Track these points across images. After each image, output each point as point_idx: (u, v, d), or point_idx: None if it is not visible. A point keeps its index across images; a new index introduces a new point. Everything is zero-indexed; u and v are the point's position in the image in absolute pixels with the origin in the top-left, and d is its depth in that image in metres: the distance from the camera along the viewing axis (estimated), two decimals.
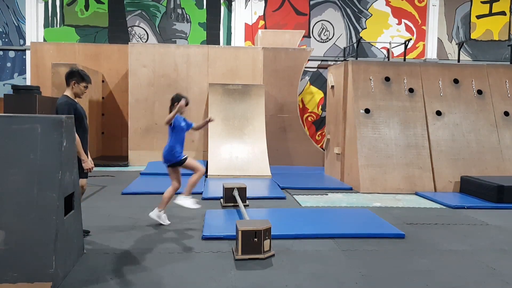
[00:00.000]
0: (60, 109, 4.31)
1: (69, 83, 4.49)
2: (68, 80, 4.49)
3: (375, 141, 8.04)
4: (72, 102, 4.43)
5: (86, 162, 4.38)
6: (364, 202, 6.93)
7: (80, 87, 4.50)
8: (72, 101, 4.45)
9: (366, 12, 13.56)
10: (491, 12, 13.96)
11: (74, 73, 4.48)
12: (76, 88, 4.50)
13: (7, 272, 3.22)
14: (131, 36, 12.98)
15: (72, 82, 4.47)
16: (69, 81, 4.49)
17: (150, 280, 3.54)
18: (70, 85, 4.49)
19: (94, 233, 4.76)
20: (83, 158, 4.34)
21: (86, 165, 4.38)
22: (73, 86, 4.48)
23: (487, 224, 5.63)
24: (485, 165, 8.00)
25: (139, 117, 11.02)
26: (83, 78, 4.49)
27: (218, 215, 5.74)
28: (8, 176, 3.30)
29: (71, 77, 4.48)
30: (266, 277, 3.66)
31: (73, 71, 4.50)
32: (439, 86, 8.51)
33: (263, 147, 9.71)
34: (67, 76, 4.50)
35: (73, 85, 4.48)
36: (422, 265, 4.03)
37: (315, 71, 13.45)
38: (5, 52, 12.74)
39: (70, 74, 4.49)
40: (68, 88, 4.50)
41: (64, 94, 4.48)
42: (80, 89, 4.51)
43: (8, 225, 3.26)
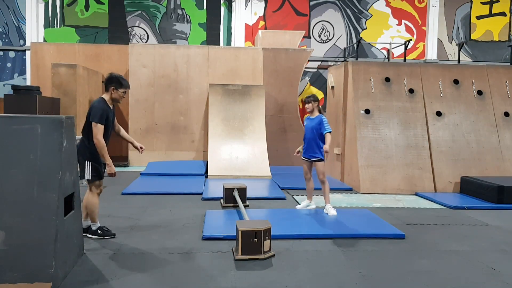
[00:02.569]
0: (93, 110, 4.40)
1: (108, 88, 4.54)
2: (107, 85, 4.55)
3: (375, 141, 8.04)
4: (107, 109, 4.52)
5: (111, 167, 4.47)
6: (364, 202, 6.93)
7: (119, 93, 4.57)
8: (108, 108, 4.54)
9: (366, 12, 13.56)
10: (491, 12, 13.97)
11: (113, 79, 4.54)
12: (115, 93, 4.57)
13: (7, 272, 3.22)
14: (131, 36, 12.99)
15: (111, 88, 4.53)
16: (108, 87, 4.54)
17: (150, 280, 3.53)
18: (109, 90, 4.54)
19: None
20: (108, 163, 4.44)
21: (111, 169, 4.46)
22: (112, 92, 4.55)
23: (487, 225, 5.63)
24: (485, 166, 8.00)
25: (139, 118, 11.02)
26: (121, 84, 4.55)
27: (218, 215, 5.74)
28: (8, 176, 3.30)
29: (110, 83, 4.53)
30: (266, 277, 3.66)
31: (112, 77, 4.56)
32: (439, 87, 8.51)
33: (263, 147, 9.71)
34: (106, 82, 4.56)
35: (112, 91, 4.55)
36: (422, 265, 4.03)
37: (315, 72, 13.45)
38: (5, 53, 12.75)
39: (109, 80, 4.54)
40: (107, 93, 4.56)
41: (102, 97, 4.55)
42: (119, 94, 4.57)
43: (8, 225, 3.26)
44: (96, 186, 4.59)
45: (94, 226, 4.64)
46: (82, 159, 4.45)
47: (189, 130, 11.19)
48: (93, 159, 4.50)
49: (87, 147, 4.49)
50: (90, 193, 4.60)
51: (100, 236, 4.61)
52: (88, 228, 4.64)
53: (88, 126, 4.48)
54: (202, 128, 11.19)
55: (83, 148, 4.49)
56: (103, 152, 4.42)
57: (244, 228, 4.06)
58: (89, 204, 4.58)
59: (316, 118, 5.87)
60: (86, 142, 4.50)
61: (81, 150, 4.46)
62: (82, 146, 4.51)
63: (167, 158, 10.93)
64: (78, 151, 4.37)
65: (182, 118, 11.13)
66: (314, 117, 5.90)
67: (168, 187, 7.53)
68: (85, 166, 4.46)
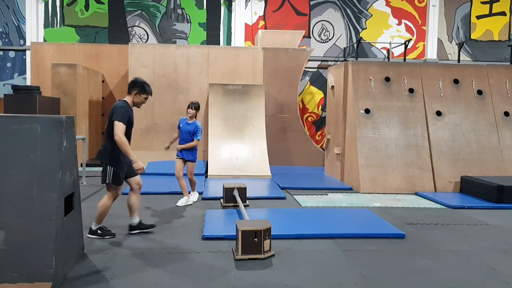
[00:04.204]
0: (116, 110, 4.46)
1: (131, 91, 4.65)
2: (131, 89, 4.66)
3: (375, 141, 8.04)
4: (130, 110, 4.61)
5: (137, 162, 4.50)
6: (364, 202, 6.93)
7: (141, 98, 4.69)
8: (130, 109, 4.63)
9: (366, 12, 13.56)
10: (491, 12, 13.96)
11: (137, 84, 4.66)
12: (137, 98, 4.67)
13: (7, 272, 3.22)
14: (131, 36, 12.98)
15: (134, 92, 4.63)
16: (131, 90, 4.65)
17: (150, 280, 3.53)
18: (132, 94, 4.64)
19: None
20: (133, 159, 4.49)
21: (137, 165, 4.50)
22: (134, 96, 4.65)
23: (487, 224, 5.63)
24: (485, 165, 8.00)
25: (139, 117, 11.00)
26: (144, 90, 4.67)
27: (218, 215, 5.74)
28: (8, 176, 3.30)
29: (134, 87, 4.64)
30: (266, 277, 3.66)
31: (136, 81, 4.67)
32: (439, 86, 8.51)
33: (263, 147, 9.71)
34: (130, 85, 4.67)
35: (135, 95, 4.65)
36: (422, 265, 4.03)
37: (315, 71, 13.44)
38: (5, 52, 12.74)
39: (134, 84, 4.66)
40: (129, 96, 4.66)
41: (124, 100, 4.64)
42: (140, 99, 4.69)
43: (8, 225, 3.26)
44: (113, 190, 4.62)
45: (95, 226, 4.66)
46: (105, 163, 4.53)
47: None
48: (115, 164, 4.53)
49: (109, 151, 4.53)
50: (106, 196, 4.65)
51: (100, 236, 4.63)
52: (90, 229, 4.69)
53: (110, 128, 4.51)
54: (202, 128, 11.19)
55: (106, 153, 4.55)
56: (125, 148, 4.43)
57: (244, 227, 4.06)
58: (102, 205, 4.63)
59: (193, 123, 6.41)
60: (108, 147, 4.54)
61: (103, 154, 4.55)
62: (104, 150, 4.58)
63: (167, 158, 10.90)
64: (101, 155, 4.53)
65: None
66: (192, 122, 6.40)
67: (168, 187, 7.53)
68: (106, 171, 4.52)
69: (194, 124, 6.40)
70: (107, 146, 4.54)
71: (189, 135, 6.36)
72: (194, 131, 6.36)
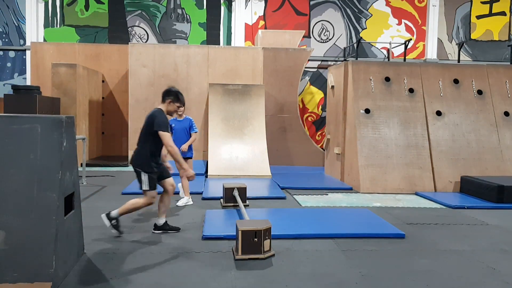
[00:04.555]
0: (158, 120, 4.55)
1: (165, 100, 4.77)
2: (165, 97, 4.78)
3: (375, 141, 8.04)
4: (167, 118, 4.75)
5: (188, 171, 4.66)
6: (364, 202, 6.93)
7: (174, 106, 4.82)
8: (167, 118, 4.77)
9: (366, 12, 13.56)
10: (491, 12, 13.96)
11: (171, 93, 4.78)
12: (171, 106, 4.79)
13: (7, 272, 3.21)
14: (131, 36, 12.98)
15: (168, 101, 4.76)
16: (165, 98, 4.77)
17: (150, 280, 3.53)
18: (166, 102, 4.76)
19: (94, 233, 4.76)
20: (184, 167, 4.65)
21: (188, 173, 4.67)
22: (168, 104, 4.76)
23: (487, 224, 5.63)
24: (485, 165, 7.99)
25: (139, 117, 10.99)
26: (178, 99, 4.81)
27: (218, 215, 5.74)
28: (8, 176, 3.30)
29: (168, 95, 4.77)
30: (266, 277, 3.66)
31: (170, 91, 4.80)
32: (439, 86, 8.51)
33: (263, 147, 9.71)
34: (165, 94, 4.79)
35: (168, 103, 4.76)
36: (422, 265, 4.03)
37: (315, 71, 13.45)
38: (5, 52, 12.74)
39: (168, 93, 4.78)
40: (163, 104, 4.77)
41: (159, 108, 4.74)
42: (174, 108, 4.82)
43: (8, 225, 3.26)
44: (150, 196, 4.65)
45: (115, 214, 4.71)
46: (139, 170, 4.60)
47: None
48: (149, 170, 4.60)
49: (142, 157, 4.61)
50: (143, 199, 4.68)
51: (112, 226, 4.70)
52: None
53: (146, 135, 4.61)
54: (202, 128, 11.19)
55: (139, 159, 4.64)
56: (178, 158, 4.60)
57: (244, 227, 4.06)
58: (134, 204, 4.68)
59: (186, 119, 6.47)
60: (142, 152, 4.63)
61: (137, 161, 4.64)
62: (138, 157, 4.66)
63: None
64: (135, 162, 4.62)
65: None
66: (183, 119, 6.45)
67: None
68: (141, 178, 4.59)
69: (187, 120, 6.46)
70: (141, 152, 4.64)
71: (185, 132, 6.41)
72: (189, 126, 6.43)
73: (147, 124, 4.63)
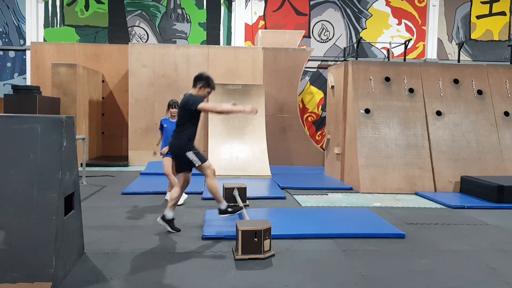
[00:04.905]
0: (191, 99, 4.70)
1: (196, 85, 4.85)
2: (196, 82, 4.86)
3: (375, 141, 8.04)
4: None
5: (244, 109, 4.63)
6: (364, 202, 6.93)
7: (205, 92, 4.87)
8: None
9: (366, 12, 13.56)
10: (491, 12, 13.96)
11: (202, 78, 4.86)
12: (201, 91, 4.85)
13: (7, 272, 3.21)
14: (131, 36, 12.98)
15: (199, 86, 4.83)
16: (196, 83, 4.86)
17: (150, 280, 3.53)
18: (197, 87, 4.84)
19: (94, 233, 4.76)
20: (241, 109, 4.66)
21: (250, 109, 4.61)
22: (199, 89, 4.83)
23: (487, 224, 5.63)
24: (485, 165, 7.99)
25: (139, 117, 11.02)
26: (209, 84, 4.86)
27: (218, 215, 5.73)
28: (8, 176, 3.30)
29: (199, 80, 4.85)
30: (266, 277, 3.66)
31: (202, 75, 4.88)
32: (439, 86, 8.51)
33: (263, 147, 9.71)
34: (196, 79, 4.88)
35: (199, 88, 4.83)
36: (422, 265, 4.03)
37: (315, 71, 13.45)
38: (5, 52, 12.74)
39: (199, 78, 4.86)
40: (194, 89, 4.86)
41: (190, 93, 4.86)
42: (204, 93, 4.87)
43: (8, 225, 3.26)
44: (207, 167, 4.80)
45: (223, 205, 4.85)
46: (183, 153, 4.73)
47: None
48: (190, 148, 4.75)
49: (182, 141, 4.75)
50: (207, 177, 4.83)
51: (231, 213, 4.85)
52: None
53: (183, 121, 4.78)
54: (202, 128, 11.18)
55: (178, 144, 4.78)
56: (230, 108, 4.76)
57: (244, 227, 4.06)
58: (211, 187, 4.83)
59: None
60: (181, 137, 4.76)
61: (177, 147, 4.79)
62: (175, 144, 4.82)
63: None
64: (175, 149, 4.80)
65: None
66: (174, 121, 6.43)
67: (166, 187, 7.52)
68: (189, 157, 4.72)
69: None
70: (180, 137, 4.78)
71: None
72: None
73: (183, 109, 4.79)
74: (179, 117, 4.88)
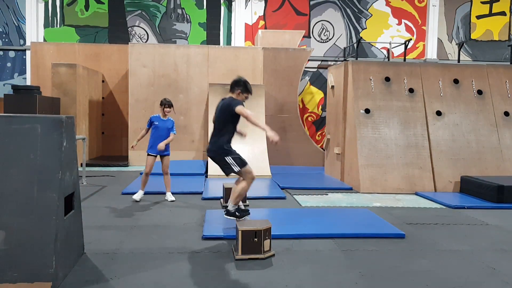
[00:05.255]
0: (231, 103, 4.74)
1: (234, 90, 4.91)
2: (234, 87, 4.92)
3: (375, 141, 8.04)
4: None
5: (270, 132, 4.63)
6: (364, 202, 6.93)
7: (243, 96, 4.92)
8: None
9: (366, 12, 13.56)
10: (491, 12, 13.96)
11: (241, 83, 4.91)
12: (240, 96, 4.91)
13: (7, 272, 3.22)
14: (131, 36, 12.98)
15: (238, 91, 4.89)
16: (234, 88, 4.92)
17: (150, 280, 3.53)
18: (235, 92, 4.90)
19: (94, 233, 4.76)
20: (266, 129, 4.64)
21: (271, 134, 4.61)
22: (237, 94, 4.90)
23: (487, 224, 5.63)
24: (485, 165, 7.99)
25: (139, 117, 11.01)
26: (247, 89, 4.92)
27: (218, 215, 5.73)
28: (8, 176, 3.30)
29: (237, 85, 4.91)
30: (266, 277, 3.66)
31: (240, 80, 4.93)
32: (439, 86, 8.51)
33: (263, 147, 9.70)
34: (234, 84, 4.93)
35: (238, 94, 4.90)
36: (422, 264, 4.03)
37: (315, 71, 13.45)
38: (5, 52, 12.74)
39: (237, 83, 4.92)
40: (232, 94, 4.93)
41: (230, 97, 4.91)
42: (242, 98, 4.92)
43: (8, 225, 3.26)
44: (248, 172, 4.83)
45: (233, 207, 4.86)
46: (221, 157, 4.78)
47: (189, 129, 11.19)
48: (228, 153, 4.77)
49: (220, 144, 4.79)
50: (243, 181, 4.86)
51: (237, 217, 4.84)
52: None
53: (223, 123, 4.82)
54: (202, 128, 11.19)
55: (217, 147, 4.81)
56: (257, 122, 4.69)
57: (244, 227, 4.06)
58: (240, 189, 4.86)
59: (169, 120, 6.67)
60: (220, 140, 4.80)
61: (214, 152, 4.83)
62: (212, 148, 4.86)
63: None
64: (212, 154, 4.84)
65: (182, 118, 11.13)
66: (167, 119, 6.65)
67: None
68: (228, 162, 4.76)
69: (170, 120, 6.67)
70: (218, 141, 4.81)
71: (166, 131, 6.58)
72: (171, 126, 6.63)
73: (223, 112, 4.80)
74: (217, 121, 4.90)
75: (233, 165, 4.76)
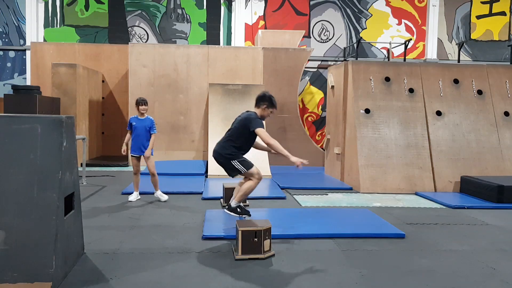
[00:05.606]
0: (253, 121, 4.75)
1: (260, 105, 4.89)
2: (259, 102, 4.90)
3: (375, 141, 8.04)
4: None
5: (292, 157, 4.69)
6: (364, 202, 6.93)
7: (268, 111, 4.91)
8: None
9: (366, 12, 13.56)
10: (491, 12, 13.96)
11: (266, 98, 4.88)
12: (265, 111, 4.90)
13: (7, 272, 3.21)
14: (131, 36, 12.98)
15: (263, 106, 4.87)
16: (260, 104, 4.90)
17: (150, 280, 3.53)
18: (261, 107, 4.89)
19: (94, 233, 4.76)
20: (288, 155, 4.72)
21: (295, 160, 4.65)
22: (263, 109, 4.88)
23: (487, 224, 5.63)
24: (485, 165, 7.99)
25: None
26: (272, 104, 4.89)
27: (218, 215, 5.74)
28: (8, 176, 3.30)
29: (263, 101, 4.88)
30: (266, 277, 3.66)
31: (265, 96, 4.89)
32: (439, 86, 8.51)
33: None
34: (259, 99, 4.90)
35: (263, 109, 4.88)
36: (422, 264, 4.03)
37: (315, 71, 13.45)
38: (5, 52, 12.75)
39: (263, 98, 4.88)
40: (257, 109, 4.92)
41: (254, 112, 4.91)
42: (267, 113, 4.91)
43: (8, 225, 3.26)
44: (255, 173, 4.86)
45: (235, 204, 4.89)
46: (228, 162, 4.79)
47: (189, 129, 11.19)
48: (234, 157, 4.81)
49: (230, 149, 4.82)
50: (251, 180, 4.89)
51: (238, 214, 4.87)
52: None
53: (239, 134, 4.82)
54: (202, 128, 11.19)
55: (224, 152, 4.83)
56: (281, 149, 4.75)
57: (244, 227, 4.06)
58: (246, 188, 4.88)
59: (147, 119, 6.61)
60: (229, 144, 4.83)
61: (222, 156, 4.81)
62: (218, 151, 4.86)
63: (167, 158, 10.93)
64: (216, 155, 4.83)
65: (182, 118, 11.13)
66: (144, 118, 6.61)
67: (168, 187, 7.52)
68: (234, 166, 4.79)
69: (148, 119, 6.60)
70: (222, 146, 4.85)
71: (145, 131, 6.52)
72: (150, 126, 6.55)
73: (241, 125, 4.81)
74: (234, 129, 4.89)
75: (239, 167, 4.79)
